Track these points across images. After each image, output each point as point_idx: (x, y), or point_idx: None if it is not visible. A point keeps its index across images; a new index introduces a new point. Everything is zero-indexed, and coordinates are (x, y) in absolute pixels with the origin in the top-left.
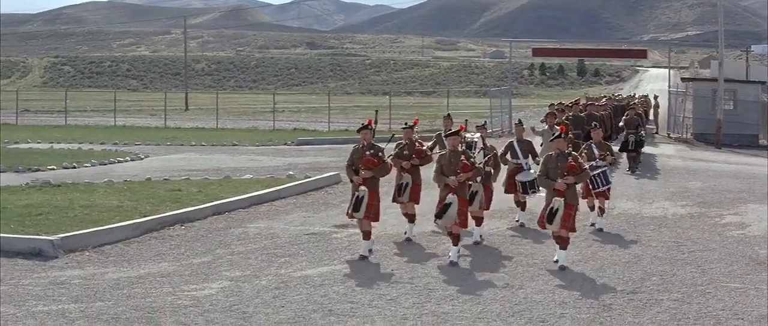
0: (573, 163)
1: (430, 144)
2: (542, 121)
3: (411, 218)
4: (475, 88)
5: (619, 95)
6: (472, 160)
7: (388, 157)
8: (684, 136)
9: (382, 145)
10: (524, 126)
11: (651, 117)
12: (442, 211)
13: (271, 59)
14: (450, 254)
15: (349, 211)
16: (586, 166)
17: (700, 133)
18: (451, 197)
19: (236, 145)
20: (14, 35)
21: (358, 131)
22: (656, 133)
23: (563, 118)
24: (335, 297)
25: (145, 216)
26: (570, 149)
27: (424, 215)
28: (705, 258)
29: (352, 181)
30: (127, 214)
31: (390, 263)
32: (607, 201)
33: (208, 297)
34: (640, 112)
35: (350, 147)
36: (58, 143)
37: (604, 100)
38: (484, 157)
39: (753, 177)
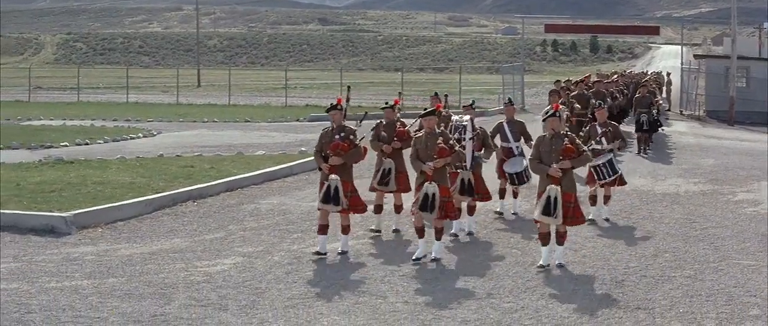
0: (569, 146)
1: (416, 125)
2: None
3: (398, 209)
4: (487, 65)
5: (630, 71)
6: (451, 142)
7: (361, 139)
8: (696, 113)
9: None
10: (515, 105)
11: (663, 94)
12: (425, 202)
13: (283, 35)
14: (433, 250)
15: (320, 203)
16: (586, 149)
17: (713, 110)
18: (429, 186)
19: (248, 121)
20: (27, 12)
21: (327, 111)
22: (669, 110)
23: (569, 96)
24: (347, 272)
25: (157, 193)
26: (566, 130)
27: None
28: (717, 235)
29: (320, 169)
30: (140, 191)
31: (397, 245)
32: (614, 188)
33: (220, 273)
34: (652, 89)
35: (362, 123)
36: (71, 120)
37: (615, 76)
38: (470, 140)
39: (766, 155)
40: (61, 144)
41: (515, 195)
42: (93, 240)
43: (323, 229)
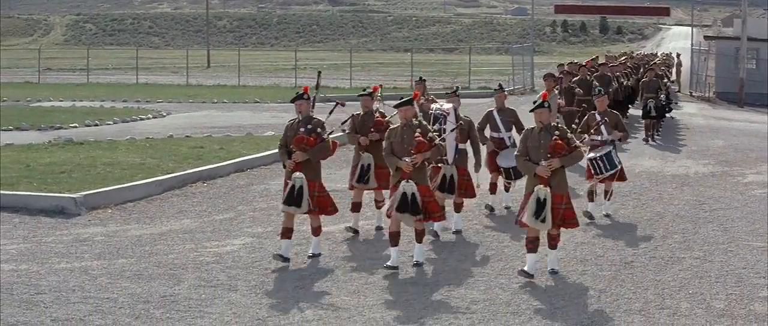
0: (559, 141)
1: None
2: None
3: (379, 204)
4: (497, 45)
5: (639, 53)
6: (431, 135)
7: (330, 133)
8: (706, 94)
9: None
10: (506, 92)
11: (673, 76)
12: (403, 203)
13: (292, 16)
14: (414, 254)
15: (282, 205)
16: (579, 143)
17: (723, 92)
18: (406, 185)
19: (258, 102)
20: None
21: (293, 101)
22: (679, 91)
23: (569, 81)
24: (357, 252)
25: (167, 174)
26: (558, 122)
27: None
28: (727, 216)
29: (284, 166)
30: (150, 172)
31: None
32: (615, 184)
33: (230, 253)
34: (660, 73)
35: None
36: (81, 101)
37: (623, 58)
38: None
39: None
40: (71, 125)
41: (507, 188)
42: (103, 221)
43: (286, 233)
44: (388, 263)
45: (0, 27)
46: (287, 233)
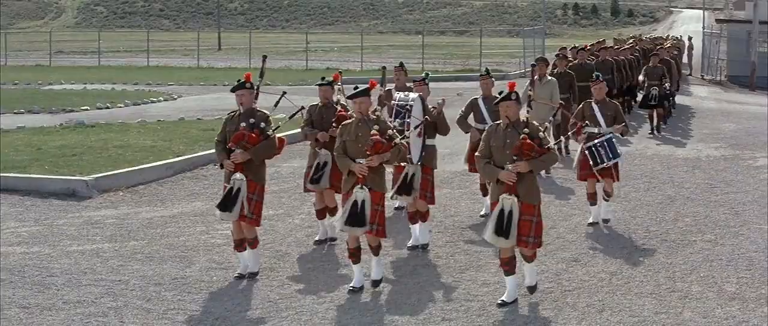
0: (526, 141)
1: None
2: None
3: (332, 211)
4: (508, 28)
5: (649, 36)
6: (390, 133)
7: (275, 128)
8: (718, 78)
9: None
10: (493, 78)
11: (685, 60)
12: (352, 214)
13: None
14: (371, 271)
15: (218, 212)
16: (552, 145)
17: (734, 75)
18: (359, 192)
19: (269, 84)
20: None
21: (233, 90)
22: (690, 74)
23: (565, 66)
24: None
25: (178, 156)
26: (528, 119)
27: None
28: (738, 200)
29: (221, 166)
30: (161, 154)
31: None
32: (615, 183)
33: None
34: (666, 58)
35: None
36: (92, 84)
37: (630, 41)
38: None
39: None
40: (83, 108)
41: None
42: (114, 204)
43: (240, 245)
44: (352, 284)
45: (12, 10)
46: (240, 245)
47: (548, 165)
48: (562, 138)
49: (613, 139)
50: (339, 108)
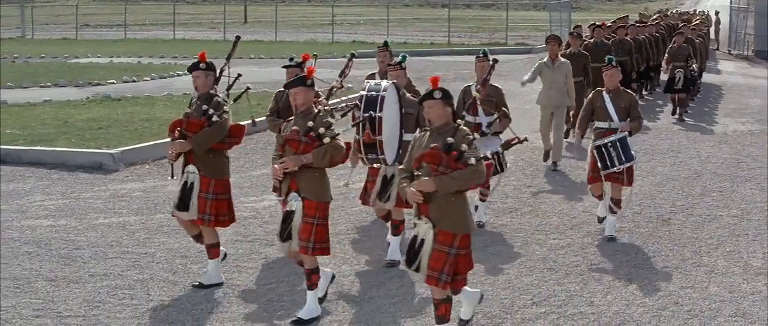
0: (430, 151)
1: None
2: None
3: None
4: (534, 2)
5: (676, 11)
6: (320, 131)
7: (222, 113)
8: (745, 52)
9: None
10: (490, 60)
11: (712, 35)
12: (283, 227)
13: None
14: (304, 310)
15: (173, 209)
16: (476, 157)
17: (761, 50)
18: (292, 201)
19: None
20: None
21: (190, 70)
22: (717, 49)
23: (579, 46)
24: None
25: None
26: (458, 125)
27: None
28: (765, 175)
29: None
30: None
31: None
32: (628, 190)
33: (267, 208)
34: (691, 37)
35: (409, 60)
36: (118, 57)
37: (655, 16)
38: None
39: None
40: (109, 81)
41: (483, 196)
42: (140, 177)
43: (199, 239)
44: (300, 315)
45: None
46: (199, 238)
47: (464, 184)
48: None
49: (628, 139)
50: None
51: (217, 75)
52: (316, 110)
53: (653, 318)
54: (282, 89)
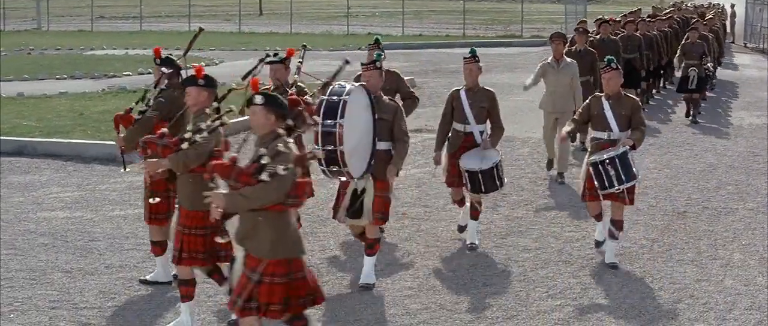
0: (224, 163)
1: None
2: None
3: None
4: None
5: (691, 4)
6: (187, 134)
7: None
8: (761, 46)
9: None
10: (480, 62)
11: (728, 28)
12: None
13: None
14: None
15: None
16: (267, 176)
17: None
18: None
19: (310, 50)
20: None
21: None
22: (733, 42)
23: (585, 43)
24: (410, 200)
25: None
26: (279, 134)
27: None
28: None
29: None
30: None
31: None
32: (628, 208)
33: None
34: (706, 34)
35: (422, 52)
36: (134, 49)
37: (668, 10)
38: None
39: None
40: (124, 73)
41: (475, 213)
42: None
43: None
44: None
45: None
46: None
47: (254, 202)
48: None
49: (629, 154)
50: (291, 92)
51: (176, 72)
52: (206, 112)
53: (668, 310)
54: (267, 87)
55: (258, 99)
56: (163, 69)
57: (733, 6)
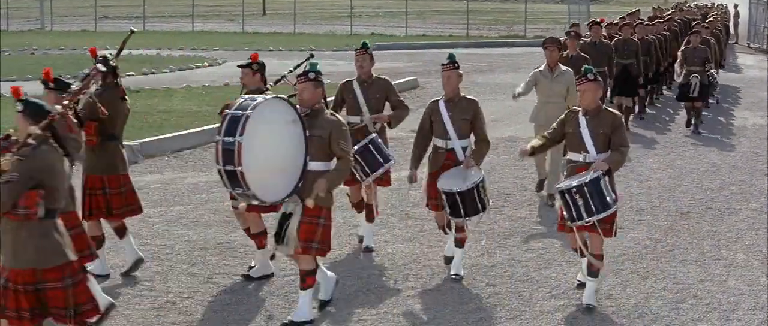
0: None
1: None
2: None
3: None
4: None
5: (694, 4)
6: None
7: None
8: (764, 46)
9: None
10: (460, 69)
11: (731, 29)
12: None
13: None
14: None
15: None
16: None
17: None
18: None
19: (313, 49)
20: None
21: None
22: (736, 43)
23: (576, 49)
24: (414, 201)
25: None
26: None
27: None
28: None
29: None
30: (206, 119)
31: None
32: (605, 239)
33: None
34: (707, 38)
35: (426, 52)
36: (137, 49)
37: (671, 10)
38: None
39: None
40: (128, 73)
41: (460, 240)
42: (159, 169)
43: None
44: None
45: None
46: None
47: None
48: None
49: (602, 180)
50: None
51: (89, 78)
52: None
53: (672, 311)
54: (246, 89)
55: (19, 105)
56: (99, 67)
57: (736, 6)
